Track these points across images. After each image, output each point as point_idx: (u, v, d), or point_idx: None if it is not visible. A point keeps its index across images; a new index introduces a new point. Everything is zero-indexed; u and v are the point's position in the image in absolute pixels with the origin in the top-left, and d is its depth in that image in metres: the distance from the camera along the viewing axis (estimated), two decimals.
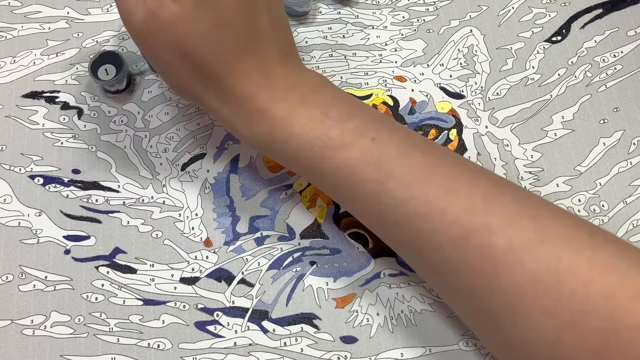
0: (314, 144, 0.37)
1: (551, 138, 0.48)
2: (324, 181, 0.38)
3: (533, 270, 0.33)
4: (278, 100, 0.38)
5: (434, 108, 0.48)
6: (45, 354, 0.42)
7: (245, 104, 0.38)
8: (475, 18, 0.51)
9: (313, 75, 0.40)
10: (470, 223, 0.34)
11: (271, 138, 0.38)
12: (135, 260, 0.45)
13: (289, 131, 0.37)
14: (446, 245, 0.35)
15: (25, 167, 0.47)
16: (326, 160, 0.37)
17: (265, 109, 0.37)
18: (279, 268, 0.45)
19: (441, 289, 0.38)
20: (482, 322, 0.36)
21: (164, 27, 0.36)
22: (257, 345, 0.43)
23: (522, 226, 0.34)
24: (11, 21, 0.50)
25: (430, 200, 0.35)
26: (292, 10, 0.50)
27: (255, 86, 0.38)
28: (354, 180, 0.37)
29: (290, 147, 0.37)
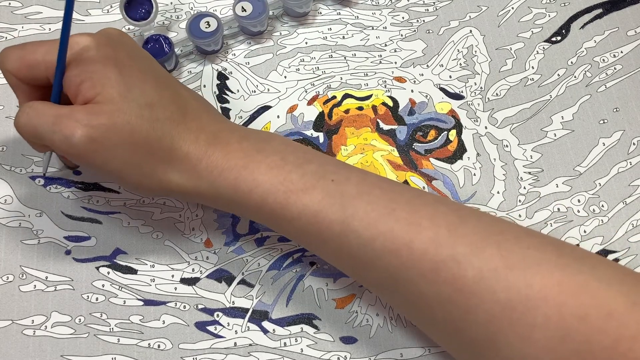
0: (278, 190, 0.37)
1: (551, 138, 0.48)
2: (290, 228, 0.38)
3: (505, 298, 0.33)
4: (235, 151, 0.38)
5: (433, 109, 0.49)
6: (45, 354, 0.42)
7: (203, 162, 0.38)
8: (474, 18, 0.51)
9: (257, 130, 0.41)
10: (438, 256, 0.35)
11: (235, 191, 0.38)
12: (136, 260, 0.45)
13: (251, 180, 0.38)
14: (418, 279, 0.35)
15: (26, 167, 0.47)
16: (290, 205, 0.37)
17: (224, 162, 0.38)
18: (279, 269, 0.45)
19: (421, 324, 0.39)
20: (465, 352, 0.36)
21: (104, 130, 0.36)
22: (257, 345, 0.43)
23: (489, 254, 0.34)
24: (12, 22, 0.50)
25: (395, 236, 0.35)
26: (292, 11, 0.50)
27: (207, 144, 0.39)
28: (320, 224, 0.37)
29: (254, 197, 0.38)
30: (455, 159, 0.47)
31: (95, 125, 0.36)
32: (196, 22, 0.48)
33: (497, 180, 0.47)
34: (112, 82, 0.37)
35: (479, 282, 0.34)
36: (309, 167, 0.38)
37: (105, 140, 0.36)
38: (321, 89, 0.49)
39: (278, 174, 0.38)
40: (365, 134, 0.47)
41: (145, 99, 0.38)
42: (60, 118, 0.36)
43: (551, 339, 0.32)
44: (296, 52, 0.50)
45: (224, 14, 0.51)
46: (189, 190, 0.39)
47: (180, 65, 0.49)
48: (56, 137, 0.36)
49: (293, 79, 0.49)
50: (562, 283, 0.33)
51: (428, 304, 0.35)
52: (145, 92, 0.38)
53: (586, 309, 0.32)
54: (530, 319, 0.33)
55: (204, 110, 0.41)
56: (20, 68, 0.38)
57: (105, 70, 0.37)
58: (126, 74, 0.38)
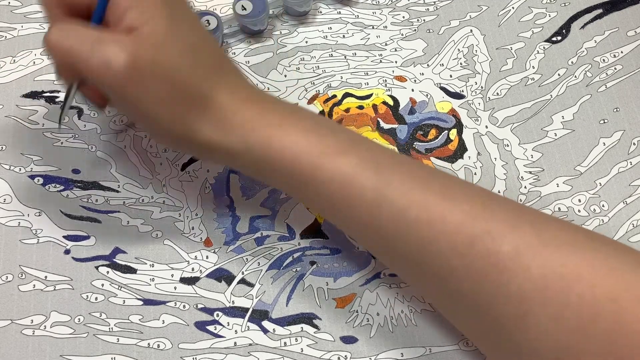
0: (311, 151, 0.36)
1: (551, 138, 0.48)
2: (320, 192, 0.37)
3: (539, 275, 0.33)
4: (270, 110, 0.38)
5: (434, 108, 0.49)
6: (45, 354, 0.42)
7: (237, 116, 0.37)
8: (475, 18, 0.51)
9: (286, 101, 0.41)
10: (473, 229, 0.34)
11: (267, 148, 0.37)
12: (135, 260, 0.45)
13: (286, 137, 0.37)
14: (450, 252, 0.34)
15: (25, 167, 0.47)
16: (324, 167, 0.36)
17: (259, 117, 0.37)
18: (279, 268, 0.45)
19: (444, 301, 0.38)
20: (488, 331, 0.36)
21: (147, 61, 0.35)
22: (257, 345, 0.43)
23: (524, 231, 0.34)
24: (11, 21, 0.50)
25: (431, 207, 0.35)
26: (292, 10, 0.50)
27: (243, 100, 0.38)
28: (353, 188, 0.36)
29: (286, 156, 0.36)
30: (455, 158, 0.47)
31: (139, 54, 0.34)
32: None
33: (498, 180, 0.47)
34: (161, 14, 0.35)
35: (514, 258, 0.33)
36: (343, 134, 0.37)
37: (147, 72, 0.34)
38: (321, 87, 0.49)
39: (312, 135, 0.37)
40: (366, 133, 0.47)
41: (190, 40, 0.36)
42: (103, 39, 0.34)
43: (582, 319, 0.32)
44: (296, 51, 0.50)
45: (224, 13, 0.51)
46: (217, 143, 0.37)
47: None
48: (95, 60, 0.34)
49: (293, 77, 0.49)
50: (594, 264, 0.33)
51: (458, 278, 0.35)
52: (191, 34, 0.37)
53: (618, 291, 0.32)
54: (564, 298, 0.32)
55: (239, 70, 0.40)
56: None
57: (156, 1, 0.35)
58: (176, 9, 0.36)
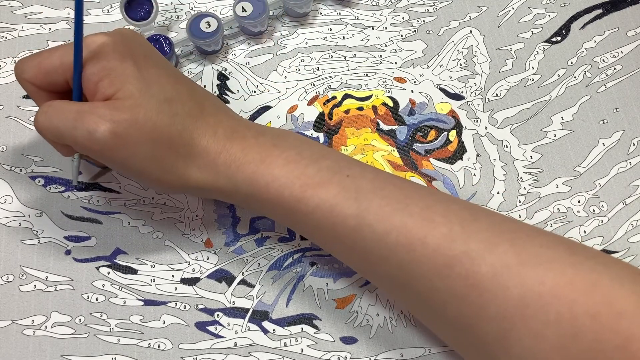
0: (294, 184, 0.38)
1: (551, 139, 0.48)
2: (306, 223, 0.38)
3: (518, 295, 0.33)
4: (252, 145, 0.39)
5: (433, 109, 0.49)
6: (45, 354, 0.42)
7: (222, 156, 0.39)
8: (474, 19, 0.51)
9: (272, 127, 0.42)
10: (451, 251, 0.35)
11: (252, 185, 0.38)
12: (136, 260, 0.45)
13: (268, 173, 0.38)
14: (431, 274, 0.35)
15: (26, 167, 0.47)
16: (306, 199, 0.37)
17: (242, 155, 0.39)
18: (279, 269, 0.45)
19: (430, 320, 0.39)
20: (473, 348, 0.36)
21: (127, 125, 0.36)
22: (257, 345, 0.43)
23: (503, 250, 0.34)
24: (12, 22, 0.50)
25: (409, 231, 0.36)
26: (292, 11, 0.50)
27: (225, 139, 0.39)
28: (335, 218, 0.37)
29: (270, 191, 0.38)
30: (455, 160, 0.47)
31: (118, 120, 0.36)
32: (196, 23, 0.48)
33: (497, 181, 0.47)
34: (130, 78, 0.37)
35: (492, 278, 0.34)
36: (324, 162, 0.38)
37: (128, 136, 0.36)
38: (321, 89, 0.49)
39: (295, 168, 0.38)
40: (366, 134, 0.48)
41: (164, 95, 0.38)
42: (82, 114, 0.36)
43: (562, 337, 0.32)
44: (296, 52, 0.50)
45: (224, 14, 0.51)
46: (208, 185, 0.39)
47: (181, 66, 0.49)
48: (78, 133, 0.36)
49: (293, 79, 0.49)
50: (574, 281, 0.33)
51: (440, 300, 0.35)
52: (164, 87, 0.38)
53: (598, 307, 0.32)
54: (543, 316, 0.33)
55: (219, 107, 0.41)
56: (37, 75, 0.38)
57: (123, 67, 0.37)
58: (144, 71, 0.38)
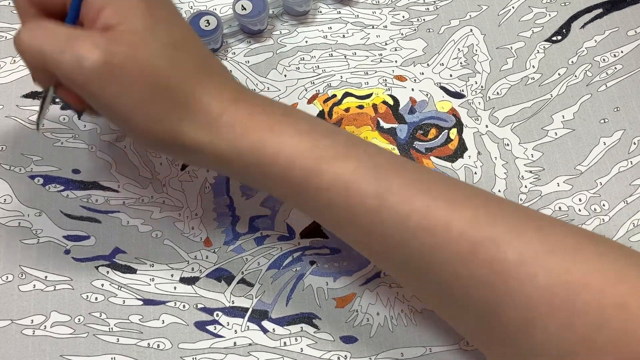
0: (307, 155, 0.34)
1: (551, 137, 0.48)
2: (317, 200, 0.35)
3: (545, 283, 0.32)
4: (260, 112, 0.35)
5: (434, 107, 0.48)
6: (45, 354, 0.42)
7: (225, 117, 0.35)
8: (475, 17, 0.51)
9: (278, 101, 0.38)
10: (477, 236, 0.33)
11: (258, 153, 0.34)
12: (135, 260, 0.45)
13: (277, 142, 0.34)
14: (453, 260, 0.33)
15: (25, 167, 0.47)
16: (321, 173, 0.34)
17: (248, 120, 0.35)
18: (279, 268, 0.45)
19: (449, 309, 0.37)
20: (494, 337, 0.35)
21: (123, 59, 0.32)
22: (257, 345, 0.43)
23: (529, 237, 0.33)
24: (12, 21, 0.50)
25: (433, 214, 0.34)
26: (292, 10, 0.50)
27: (231, 100, 0.35)
28: (352, 197, 0.34)
29: (279, 161, 0.34)
30: (456, 158, 0.47)
31: (114, 52, 0.32)
32: (196, 21, 0.48)
33: (498, 179, 0.47)
34: (137, 12, 0.33)
35: (519, 265, 0.32)
36: (339, 137, 0.35)
37: (122, 70, 0.32)
38: (321, 87, 0.49)
39: (307, 139, 0.34)
40: (366, 132, 0.47)
41: (170, 38, 0.34)
42: (75, 37, 0.32)
43: (589, 327, 0.31)
44: (296, 50, 0.50)
45: (224, 13, 0.51)
46: (203, 146, 0.35)
47: None
48: (66, 57, 0.32)
49: (293, 77, 0.49)
50: (600, 271, 0.32)
51: (462, 287, 0.34)
52: (172, 31, 0.34)
53: (625, 297, 0.31)
54: (570, 305, 0.32)
55: (226, 71, 0.38)
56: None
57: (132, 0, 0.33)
58: (153, 9, 0.34)
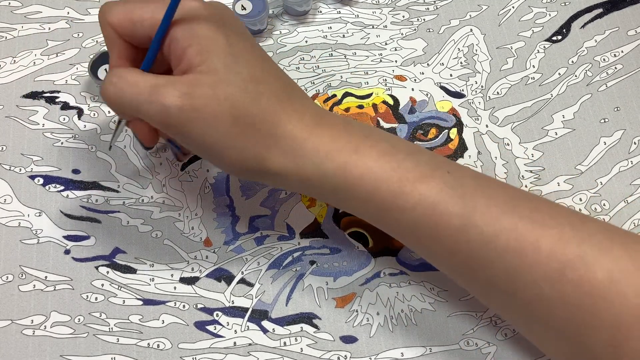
0: (391, 177, 0.35)
1: (552, 137, 0.48)
2: (402, 221, 0.35)
3: (636, 303, 0.31)
4: (342, 135, 0.36)
5: (434, 107, 0.48)
6: (45, 354, 0.42)
7: (309, 143, 0.36)
8: (475, 17, 0.51)
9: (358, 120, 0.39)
10: (565, 255, 0.33)
11: (344, 176, 0.35)
12: (135, 260, 0.44)
13: (362, 164, 0.35)
14: (541, 281, 0.33)
15: (25, 167, 0.47)
16: (405, 194, 0.34)
17: (332, 143, 0.36)
18: (279, 268, 0.44)
19: (532, 329, 0.36)
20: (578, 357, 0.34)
21: (205, 100, 0.34)
22: (256, 345, 0.43)
23: (617, 255, 0.32)
24: (11, 21, 0.50)
25: (521, 234, 0.33)
26: (292, 9, 0.50)
27: (314, 125, 0.36)
28: (437, 216, 0.34)
29: (365, 183, 0.35)
30: (456, 157, 0.47)
31: (196, 95, 0.34)
32: None
33: (499, 179, 0.47)
34: (219, 51, 0.35)
35: (609, 284, 0.32)
36: (421, 157, 0.36)
37: (206, 109, 0.34)
38: (321, 87, 0.49)
39: (391, 160, 0.35)
40: None
41: (250, 73, 0.36)
42: (158, 88, 0.34)
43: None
44: (296, 50, 0.50)
45: None
46: (290, 171, 0.36)
47: None
48: (153, 107, 0.34)
49: (293, 77, 0.49)
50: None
51: (549, 307, 0.33)
52: (252, 65, 0.36)
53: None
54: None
55: (305, 94, 0.39)
56: (123, 21, 0.36)
57: (214, 38, 0.35)
58: (234, 45, 0.36)
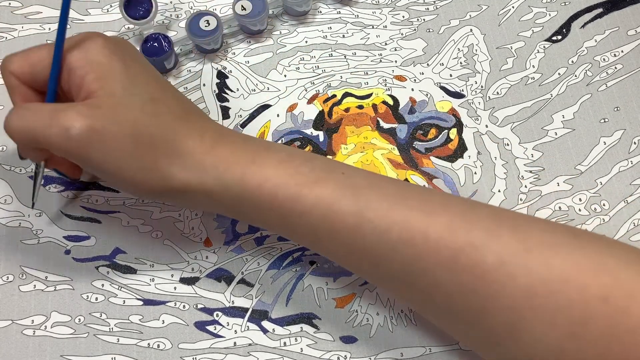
0: (288, 183, 0.36)
1: (552, 137, 0.48)
2: (301, 224, 0.37)
3: (526, 283, 0.33)
4: (240, 149, 0.38)
5: (434, 107, 0.48)
6: (45, 354, 0.42)
7: (209, 157, 0.37)
8: (475, 17, 0.51)
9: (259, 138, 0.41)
10: (455, 242, 0.34)
11: (243, 186, 0.37)
12: (135, 260, 0.45)
13: (260, 174, 0.37)
14: (435, 268, 0.34)
15: (25, 167, 0.47)
16: (302, 198, 0.36)
17: (231, 156, 0.37)
18: (279, 268, 0.45)
19: (436, 316, 0.38)
20: (482, 341, 0.36)
21: (105, 121, 0.35)
22: (256, 345, 0.43)
23: (507, 238, 0.34)
24: (11, 22, 0.50)
25: (411, 225, 0.35)
26: (291, 10, 0.50)
27: (213, 141, 0.38)
28: (333, 216, 0.36)
29: (263, 191, 0.37)
30: (455, 158, 0.47)
31: (95, 116, 0.35)
32: (196, 21, 0.48)
33: (498, 179, 0.47)
34: (116, 74, 0.37)
35: (499, 267, 0.33)
36: (317, 162, 0.38)
37: (105, 131, 0.35)
38: (321, 87, 0.49)
39: (287, 167, 0.37)
40: (366, 132, 0.47)
41: (149, 94, 0.37)
42: (58, 112, 0.35)
43: (574, 323, 0.32)
44: (296, 50, 0.50)
45: (224, 13, 0.51)
46: (193, 186, 0.37)
47: (180, 64, 0.49)
48: (53, 131, 0.35)
49: (293, 77, 0.49)
50: (581, 264, 0.32)
51: (446, 294, 0.35)
52: (149, 87, 0.37)
53: (608, 289, 0.32)
54: (553, 304, 0.32)
55: (205, 116, 0.40)
56: (23, 67, 0.38)
57: (110, 64, 0.37)
58: (130, 68, 0.37)
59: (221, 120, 0.48)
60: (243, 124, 0.48)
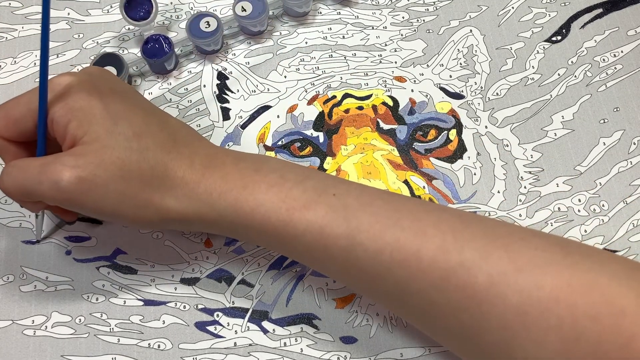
0: (280, 208, 0.37)
1: (551, 138, 0.48)
2: (296, 246, 0.37)
3: (517, 302, 0.33)
4: (232, 172, 0.38)
5: (433, 108, 0.49)
6: (46, 354, 0.42)
7: (201, 186, 0.38)
8: (475, 18, 0.51)
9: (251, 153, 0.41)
10: (446, 263, 0.34)
11: (236, 212, 0.37)
12: (136, 260, 0.45)
13: (252, 199, 0.37)
14: (428, 288, 0.35)
15: None
16: (294, 222, 0.36)
17: (223, 183, 0.38)
18: (279, 268, 0.45)
19: (432, 332, 0.38)
20: (477, 357, 0.36)
21: (93, 168, 0.36)
22: (257, 345, 0.43)
23: (498, 258, 0.34)
24: (12, 22, 0.50)
25: (402, 246, 0.35)
26: (291, 11, 0.50)
27: (203, 167, 0.38)
28: (326, 239, 0.36)
29: (256, 217, 0.37)
30: (455, 159, 0.47)
31: (82, 165, 0.35)
32: (196, 22, 0.48)
33: (498, 180, 0.47)
34: (97, 118, 0.36)
35: (490, 287, 0.33)
36: (309, 183, 0.38)
37: (94, 178, 0.36)
38: (321, 88, 0.49)
39: (279, 191, 0.37)
40: (366, 133, 0.47)
41: (132, 130, 0.37)
42: (46, 166, 0.36)
43: (565, 342, 0.32)
44: (296, 51, 0.50)
45: (224, 14, 0.51)
46: (189, 214, 0.38)
47: (180, 65, 0.49)
48: (44, 186, 0.35)
49: (293, 78, 0.49)
50: (571, 282, 0.33)
51: (440, 313, 0.35)
52: (132, 122, 0.37)
53: (598, 307, 0.32)
54: (544, 322, 0.32)
55: (194, 136, 0.40)
56: (6, 125, 0.38)
57: (90, 107, 0.37)
58: (111, 107, 0.37)
59: (221, 121, 0.48)
60: (243, 125, 0.48)
